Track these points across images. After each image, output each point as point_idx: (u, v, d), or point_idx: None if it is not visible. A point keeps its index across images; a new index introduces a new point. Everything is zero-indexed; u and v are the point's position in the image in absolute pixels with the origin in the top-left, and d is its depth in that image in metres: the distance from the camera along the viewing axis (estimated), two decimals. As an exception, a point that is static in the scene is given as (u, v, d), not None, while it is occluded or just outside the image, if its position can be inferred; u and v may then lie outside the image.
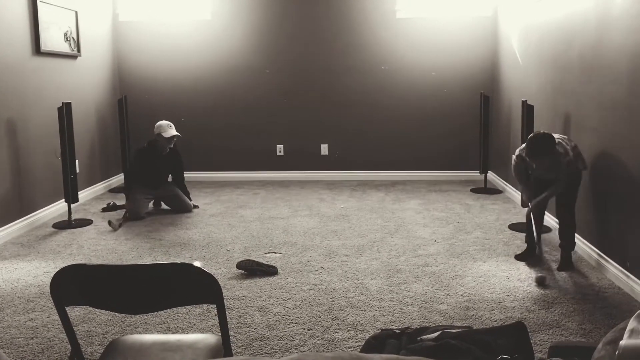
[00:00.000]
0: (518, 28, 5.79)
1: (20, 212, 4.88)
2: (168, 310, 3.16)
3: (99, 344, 2.86)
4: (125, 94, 6.51)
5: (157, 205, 5.64)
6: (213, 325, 3.04)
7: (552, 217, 4.48)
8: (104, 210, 5.52)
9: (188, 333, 2.94)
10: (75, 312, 3.18)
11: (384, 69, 6.80)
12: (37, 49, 5.14)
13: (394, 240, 4.49)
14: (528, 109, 4.60)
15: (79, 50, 5.91)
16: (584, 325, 3.02)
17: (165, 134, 5.37)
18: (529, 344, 2.42)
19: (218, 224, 5.03)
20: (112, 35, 6.77)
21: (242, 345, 2.84)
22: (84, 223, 5.06)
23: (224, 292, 2.77)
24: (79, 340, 1.93)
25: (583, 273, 3.77)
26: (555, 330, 2.96)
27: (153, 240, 4.57)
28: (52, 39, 5.38)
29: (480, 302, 3.32)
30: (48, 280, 3.64)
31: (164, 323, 3.09)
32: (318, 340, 2.88)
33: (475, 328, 2.80)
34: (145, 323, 3.09)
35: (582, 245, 4.06)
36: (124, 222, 5.07)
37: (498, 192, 6.22)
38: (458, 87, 6.79)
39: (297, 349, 2.80)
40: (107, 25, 6.65)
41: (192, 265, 1.75)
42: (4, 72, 4.69)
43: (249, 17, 6.78)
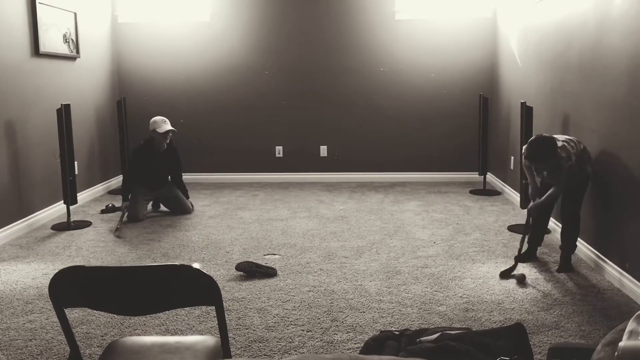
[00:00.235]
0: (517, 29, 5.79)
1: (19, 213, 4.87)
2: (167, 312, 3.16)
3: (98, 346, 2.86)
4: (124, 96, 6.52)
5: (156, 207, 5.63)
6: (212, 327, 3.04)
7: (553, 218, 4.48)
8: (103, 212, 5.51)
9: (187, 335, 2.93)
10: (74, 313, 3.18)
11: (383, 70, 6.80)
12: (36, 51, 5.14)
13: (393, 242, 4.49)
14: (527, 111, 4.60)
15: (78, 52, 5.91)
16: (583, 327, 3.02)
17: (160, 130, 5.31)
18: (528, 346, 2.43)
19: (217, 226, 5.02)
20: (111, 37, 6.77)
21: (241, 347, 2.84)
22: (83, 225, 5.05)
23: (223, 293, 2.77)
24: (78, 342, 1.93)
25: (582, 274, 3.76)
26: (555, 332, 2.96)
27: (152, 242, 4.57)
28: (51, 41, 5.37)
29: (480, 303, 3.32)
30: (47, 282, 3.62)
31: (163, 325, 3.08)
32: (317, 342, 2.88)
33: (475, 330, 2.81)
34: (144, 325, 3.09)
35: (581, 247, 4.06)
36: (120, 224, 5.01)
37: (497, 193, 6.22)
38: (457, 88, 6.80)
39: (296, 351, 2.79)
40: (106, 27, 6.66)
41: (191, 267, 1.74)
42: (3, 73, 4.69)
43: (248, 18, 6.78)
